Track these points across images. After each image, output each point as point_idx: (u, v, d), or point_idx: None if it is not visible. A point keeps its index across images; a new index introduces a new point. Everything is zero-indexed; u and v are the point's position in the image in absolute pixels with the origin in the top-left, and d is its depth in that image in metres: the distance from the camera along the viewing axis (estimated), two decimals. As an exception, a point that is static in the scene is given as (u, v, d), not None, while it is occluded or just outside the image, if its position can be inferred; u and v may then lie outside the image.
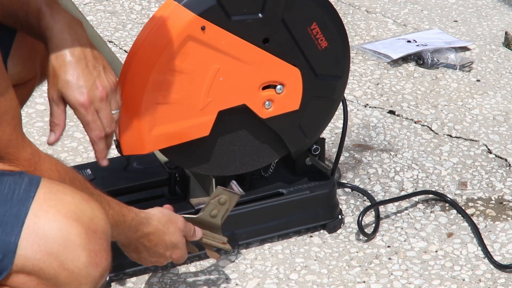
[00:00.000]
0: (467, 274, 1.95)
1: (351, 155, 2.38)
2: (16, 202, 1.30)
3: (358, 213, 2.10)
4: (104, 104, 1.55)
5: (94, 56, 1.56)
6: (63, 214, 1.31)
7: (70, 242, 1.31)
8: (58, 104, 1.54)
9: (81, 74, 1.52)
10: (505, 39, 3.02)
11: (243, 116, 1.88)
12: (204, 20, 1.73)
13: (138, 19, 3.17)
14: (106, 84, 1.55)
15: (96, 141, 1.58)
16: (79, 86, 1.52)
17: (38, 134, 2.45)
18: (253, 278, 1.93)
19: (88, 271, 1.32)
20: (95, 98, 1.54)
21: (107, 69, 1.57)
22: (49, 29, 1.53)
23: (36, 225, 1.30)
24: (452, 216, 2.15)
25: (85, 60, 1.53)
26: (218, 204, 1.74)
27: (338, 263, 1.98)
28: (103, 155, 1.61)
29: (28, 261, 1.30)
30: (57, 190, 1.34)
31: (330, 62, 1.91)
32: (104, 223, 1.36)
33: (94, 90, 1.53)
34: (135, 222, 1.57)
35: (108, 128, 1.58)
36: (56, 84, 1.53)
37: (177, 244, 1.67)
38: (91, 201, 1.37)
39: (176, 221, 1.67)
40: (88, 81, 1.53)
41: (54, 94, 1.54)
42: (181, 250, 1.69)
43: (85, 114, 1.54)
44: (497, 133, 2.49)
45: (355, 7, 3.30)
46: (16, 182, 1.32)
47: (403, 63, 2.89)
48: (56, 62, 1.52)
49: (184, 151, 1.85)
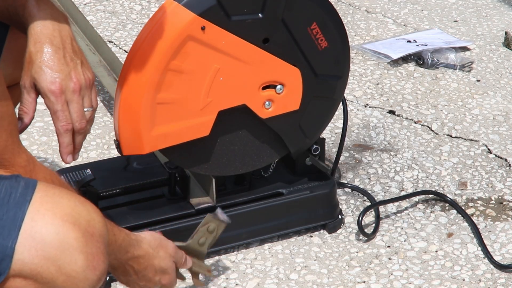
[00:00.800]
0: (467, 274, 1.95)
1: (351, 155, 2.38)
2: (13, 205, 1.29)
3: (358, 213, 2.10)
4: (76, 97, 1.53)
5: (74, 49, 1.54)
6: (60, 217, 1.30)
7: (67, 246, 1.30)
8: (29, 92, 1.53)
9: (56, 63, 1.51)
10: (505, 39, 3.02)
11: (243, 116, 1.88)
12: (204, 20, 1.73)
13: (138, 19, 3.17)
14: (81, 78, 1.53)
15: (61, 133, 1.55)
16: (52, 74, 1.50)
17: (38, 134, 2.45)
18: (253, 278, 1.93)
19: (85, 275, 1.31)
20: (67, 89, 1.52)
21: (85, 65, 1.56)
22: (32, 17, 1.51)
23: (33, 229, 1.29)
24: (452, 216, 2.15)
25: (63, 50, 1.52)
26: (207, 232, 1.74)
27: (338, 263, 1.98)
28: (67, 150, 1.57)
29: (26, 266, 1.29)
30: (53, 193, 1.33)
31: (330, 62, 1.91)
32: (101, 225, 1.35)
33: (67, 81, 1.51)
34: (125, 243, 1.54)
35: (77, 123, 1.55)
36: (30, 69, 1.51)
37: (167, 269, 1.64)
38: (87, 204, 1.35)
39: (167, 246, 1.65)
40: (62, 70, 1.51)
41: (27, 80, 1.52)
42: (170, 276, 1.66)
43: (55, 103, 1.52)
44: (497, 133, 2.49)
45: (355, 7, 3.30)
46: (12, 186, 1.31)
47: (403, 63, 2.89)
48: (34, 48, 1.51)
49: (184, 151, 1.85)
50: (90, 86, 1.56)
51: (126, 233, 1.55)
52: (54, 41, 1.51)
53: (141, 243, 1.59)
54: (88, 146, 2.38)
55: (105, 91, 2.62)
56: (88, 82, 1.55)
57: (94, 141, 2.42)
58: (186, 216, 1.92)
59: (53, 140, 2.42)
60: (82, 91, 1.54)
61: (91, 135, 2.44)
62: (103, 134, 2.46)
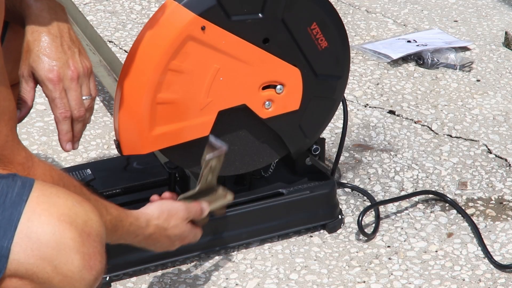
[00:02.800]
0: (467, 274, 1.95)
1: (351, 155, 2.38)
2: (9, 205, 1.29)
3: (358, 213, 2.10)
4: (74, 84, 1.54)
5: (71, 38, 1.55)
6: (57, 217, 1.30)
7: (64, 246, 1.29)
8: (27, 81, 1.53)
9: (54, 51, 1.51)
10: (505, 39, 3.02)
11: (243, 116, 1.88)
12: (204, 20, 1.73)
13: (138, 19, 3.18)
14: (79, 66, 1.54)
15: (60, 120, 1.56)
16: (50, 62, 1.51)
17: (38, 134, 2.45)
18: (253, 278, 1.93)
19: (82, 275, 1.30)
20: (65, 76, 1.52)
21: (83, 53, 1.56)
22: (29, 8, 1.52)
23: (29, 229, 1.28)
24: (452, 216, 2.15)
25: (60, 39, 1.52)
26: (210, 170, 1.70)
27: (338, 263, 1.98)
28: (66, 137, 1.58)
29: (21, 266, 1.28)
30: (50, 193, 1.33)
31: (330, 62, 1.91)
32: (98, 225, 1.34)
33: (65, 69, 1.52)
34: (133, 227, 1.55)
35: (76, 110, 1.55)
36: (28, 58, 1.52)
37: (181, 234, 1.66)
38: (84, 203, 1.35)
39: (177, 212, 1.65)
40: (60, 58, 1.52)
41: (25, 69, 1.53)
42: (188, 236, 1.68)
43: (53, 90, 1.52)
44: (497, 133, 2.49)
45: (355, 7, 3.30)
46: (9, 185, 1.31)
47: (403, 63, 2.89)
48: (31, 37, 1.51)
49: (184, 151, 1.85)
50: (88, 75, 1.56)
51: (134, 217, 1.56)
52: (52, 30, 1.52)
53: (149, 222, 1.60)
54: (88, 146, 2.38)
55: (105, 91, 2.62)
56: (86, 70, 1.56)
57: (94, 141, 2.42)
58: (186, 216, 1.92)
59: (53, 140, 2.42)
60: (80, 79, 1.54)
61: (91, 135, 2.44)
62: (103, 134, 2.46)
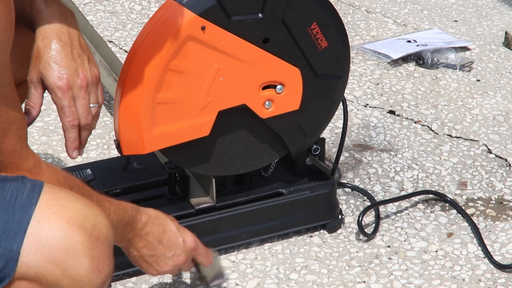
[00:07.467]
0: (467, 274, 1.95)
1: (351, 155, 2.38)
2: (19, 208, 1.29)
3: (358, 213, 2.10)
4: (83, 93, 1.55)
5: (81, 45, 1.56)
6: (66, 221, 1.30)
7: (73, 249, 1.30)
8: (36, 87, 1.54)
9: (64, 58, 1.52)
10: (505, 39, 3.02)
11: (243, 116, 1.88)
12: (204, 20, 1.73)
13: (138, 19, 3.18)
14: (88, 74, 1.55)
15: (68, 128, 1.57)
16: (60, 70, 1.52)
17: (38, 134, 2.45)
18: (253, 278, 1.93)
19: (90, 278, 1.31)
20: (74, 85, 1.53)
21: (92, 61, 1.57)
22: (40, 13, 1.53)
23: (38, 232, 1.29)
24: (452, 216, 2.15)
25: (71, 46, 1.53)
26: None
27: (338, 263, 1.98)
28: (73, 145, 1.60)
29: (31, 269, 1.29)
30: (59, 196, 1.33)
31: (330, 62, 1.91)
32: (107, 229, 1.35)
33: (74, 77, 1.53)
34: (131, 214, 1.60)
35: (83, 118, 1.57)
36: (38, 65, 1.52)
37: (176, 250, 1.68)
38: (93, 207, 1.36)
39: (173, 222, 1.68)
40: (70, 66, 1.52)
41: (34, 75, 1.53)
42: (180, 255, 1.69)
43: (62, 98, 1.53)
44: (497, 133, 2.49)
45: (355, 7, 3.30)
46: (18, 188, 1.31)
47: (403, 63, 2.89)
48: (42, 44, 1.52)
49: (184, 151, 1.85)
50: (96, 83, 1.58)
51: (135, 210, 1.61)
52: (62, 37, 1.52)
53: (146, 220, 1.63)
54: (88, 146, 2.38)
55: (105, 91, 2.62)
56: (95, 78, 1.57)
57: (94, 141, 2.42)
58: (186, 216, 1.92)
59: (53, 140, 2.42)
60: (89, 87, 1.56)
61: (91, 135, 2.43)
62: (103, 134, 2.46)
